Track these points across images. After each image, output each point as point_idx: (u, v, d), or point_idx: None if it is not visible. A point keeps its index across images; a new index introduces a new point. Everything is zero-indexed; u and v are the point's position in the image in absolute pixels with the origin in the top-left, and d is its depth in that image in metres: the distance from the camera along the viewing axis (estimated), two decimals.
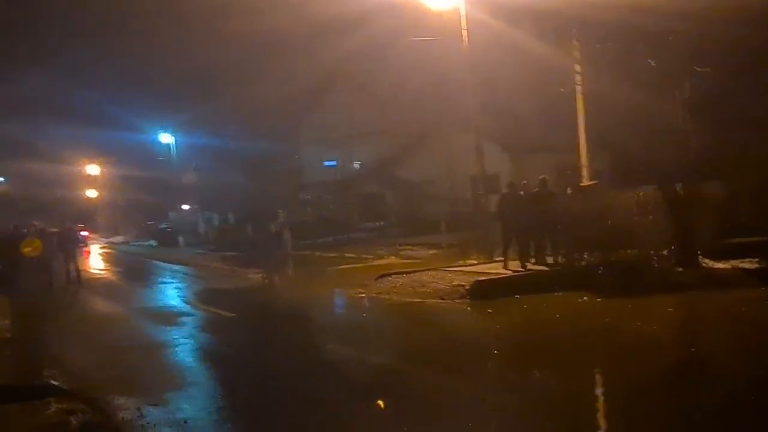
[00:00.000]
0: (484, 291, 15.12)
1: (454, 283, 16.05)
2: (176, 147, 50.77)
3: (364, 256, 27.65)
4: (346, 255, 28.54)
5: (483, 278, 15.70)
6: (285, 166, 50.91)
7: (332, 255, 29.66)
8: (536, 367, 9.60)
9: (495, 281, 15.57)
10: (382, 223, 43.13)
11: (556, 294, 14.74)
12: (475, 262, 20.48)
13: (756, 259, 15.15)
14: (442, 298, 15.23)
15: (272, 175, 49.29)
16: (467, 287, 15.39)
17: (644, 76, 15.95)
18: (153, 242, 49.57)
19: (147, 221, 53.57)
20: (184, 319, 16.08)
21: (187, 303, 18.74)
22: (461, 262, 21.06)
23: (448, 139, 42.21)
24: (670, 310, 13.05)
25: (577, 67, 20.59)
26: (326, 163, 50.20)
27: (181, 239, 45.81)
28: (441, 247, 27.49)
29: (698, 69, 14.72)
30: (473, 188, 42.10)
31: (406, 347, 11.32)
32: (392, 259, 25.81)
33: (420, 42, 36.63)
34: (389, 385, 9.15)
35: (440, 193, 41.91)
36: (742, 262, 15.18)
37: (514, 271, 16.67)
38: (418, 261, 24.34)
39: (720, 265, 15.25)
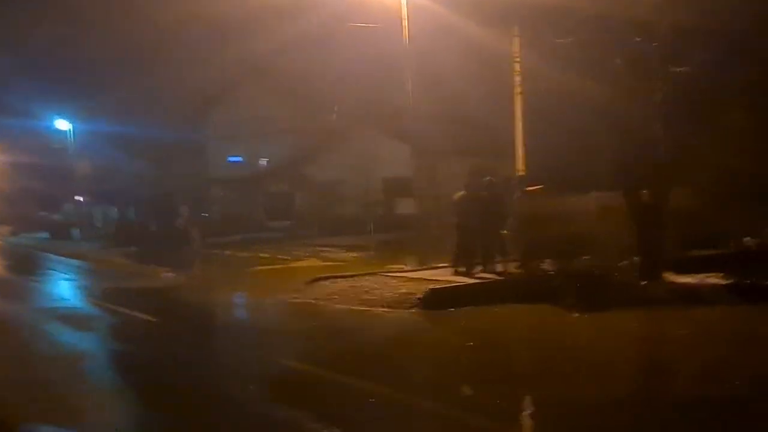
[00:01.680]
0: (437, 300, 13.63)
1: (401, 291, 14.53)
2: (74, 135, 47.32)
3: (280, 257, 25.87)
4: (261, 255, 26.65)
5: (437, 287, 14.16)
6: (190, 160, 48.28)
7: (245, 255, 27.74)
8: (513, 387, 8.20)
9: (449, 290, 14.08)
10: (289, 222, 41.27)
11: (515, 305, 13.41)
12: (406, 267, 19.07)
13: (721, 274, 14.14)
14: (391, 307, 13.67)
15: (176, 169, 46.63)
16: (419, 296, 13.85)
17: (609, 71, 14.79)
18: (45, 235, 46.07)
19: (39, 212, 49.83)
20: (97, 322, 14.11)
21: (96, 303, 16.58)
22: (393, 267, 19.66)
23: (361, 138, 40.76)
24: (636, 326, 12.03)
25: (516, 60, 19.45)
26: (231, 159, 47.88)
27: (76, 232, 42.62)
28: (361, 249, 25.93)
29: (674, 69, 13.59)
30: (385, 190, 41.02)
31: (367, 363, 9.71)
32: (312, 261, 24.16)
33: (332, 38, 35.11)
34: (370, 413, 7.54)
35: (352, 195, 40.42)
36: (707, 276, 14.13)
37: (465, 280, 15.17)
38: (342, 264, 22.78)
39: (684, 279, 14.16)
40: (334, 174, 41.31)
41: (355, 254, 25.18)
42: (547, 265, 15.22)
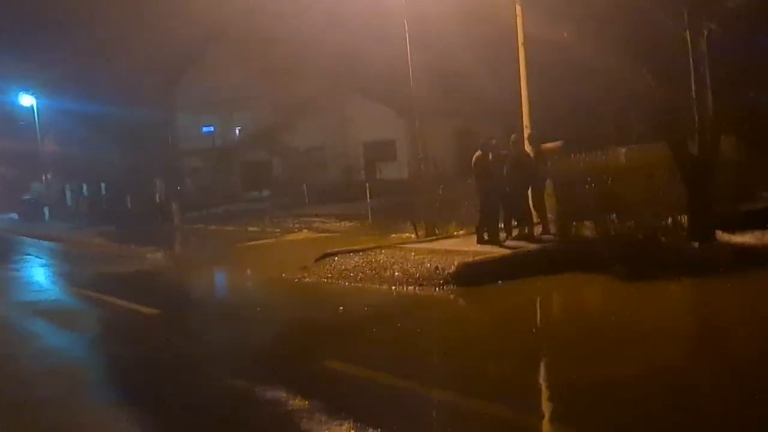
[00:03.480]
0: (472, 275, 11.91)
1: (426, 265, 12.77)
2: (38, 111, 44.61)
3: (270, 229, 24.09)
4: (249, 229, 24.80)
5: (469, 260, 12.43)
6: (160, 132, 45.94)
7: (230, 228, 25.90)
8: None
9: (484, 263, 12.35)
10: (267, 192, 39.34)
11: (560, 276, 11.76)
12: (413, 236, 17.39)
13: None
14: (421, 285, 11.94)
15: (147, 142, 44.28)
16: (450, 270, 12.12)
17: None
18: (14, 215, 43.54)
19: (6, 192, 47.15)
20: (87, 318, 12.20)
21: (82, 293, 14.61)
22: (398, 236, 18.03)
23: (339, 103, 38.88)
24: (704, 296, 10.48)
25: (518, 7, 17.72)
26: (204, 129, 45.67)
27: (46, 212, 40.26)
28: (354, 218, 24.19)
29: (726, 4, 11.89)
30: (366, 155, 39.17)
31: (436, 364, 8.00)
32: (306, 234, 22.45)
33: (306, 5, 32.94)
34: None
35: (332, 161, 38.61)
36: (765, 233, 12.59)
37: (495, 249, 13.45)
38: (339, 235, 21.13)
39: (740, 238, 12.60)
40: (312, 140, 39.44)
41: (349, 223, 23.46)
42: (584, 229, 13.54)
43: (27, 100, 44.27)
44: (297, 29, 36.27)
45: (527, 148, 14.78)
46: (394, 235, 18.42)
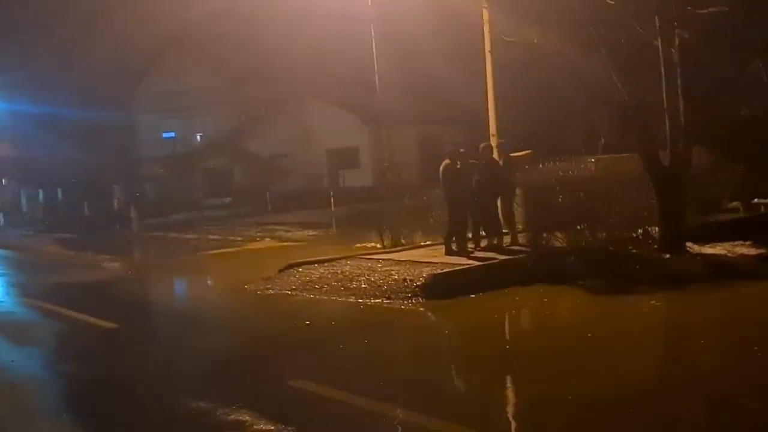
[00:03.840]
0: (441, 287, 11.55)
1: (393, 277, 12.40)
2: None
3: (231, 238, 23.55)
4: (210, 237, 24.23)
5: (438, 271, 12.06)
6: (120, 138, 45.07)
7: (191, 237, 25.30)
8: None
9: (453, 275, 11.99)
10: (228, 200, 38.73)
11: (530, 288, 11.49)
12: (379, 246, 17.02)
13: (749, 242, 12.47)
14: (389, 298, 11.54)
15: (105, 148, 43.39)
16: (418, 282, 11.75)
17: (610, 21, 12.88)
18: None
19: None
20: (40, 331, 11.62)
21: (34, 305, 13.96)
22: (363, 246, 17.66)
23: (302, 109, 38.48)
24: (674, 308, 10.27)
25: (485, 12, 17.50)
26: (165, 135, 44.90)
27: (0, 218, 39.16)
28: (317, 227, 23.75)
29: (698, 11, 11.69)
30: (330, 163, 38.75)
31: (419, 389, 7.59)
32: (268, 242, 21.95)
33: (270, 6, 32.43)
34: None
35: (295, 168, 38.13)
36: (734, 245, 12.45)
37: (463, 260, 13.10)
38: (302, 244, 20.67)
39: (710, 249, 12.46)
40: (275, 147, 38.97)
41: (313, 232, 23.01)
42: (553, 239, 13.27)
43: None
44: (260, 34, 35.82)
45: (496, 156, 14.47)
46: (359, 245, 18.05)
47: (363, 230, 19.32)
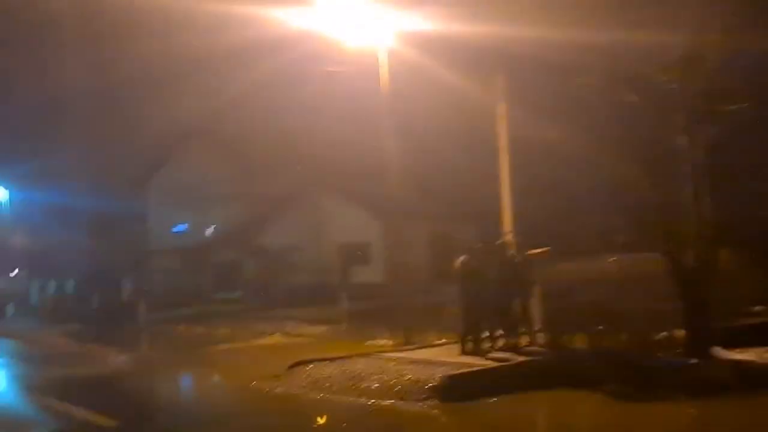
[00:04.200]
0: (457, 389, 11.01)
1: (407, 377, 11.87)
2: (9, 204, 43.52)
3: (240, 332, 22.95)
4: (219, 331, 23.68)
5: (453, 372, 11.53)
6: (131, 229, 44.98)
7: (199, 330, 24.75)
8: None
9: (469, 377, 11.45)
10: (239, 293, 38.21)
11: (551, 393, 10.92)
12: (391, 343, 16.51)
13: None
14: (402, 399, 10.99)
15: (117, 239, 43.24)
16: (432, 384, 11.22)
17: (629, 119, 12.69)
18: None
19: None
20: (38, 430, 11.03)
21: (34, 399, 13.45)
22: (374, 343, 17.13)
23: (315, 203, 38.36)
24: (712, 421, 9.59)
25: (502, 106, 17.44)
26: (176, 228, 44.78)
27: (10, 309, 38.69)
28: (328, 323, 23.18)
29: (723, 108, 11.46)
30: (341, 257, 38.38)
31: None
32: (277, 338, 21.38)
33: (285, 94, 32.71)
34: None
35: (305, 263, 37.72)
36: (764, 351, 11.88)
37: (479, 361, 12.56)
38: (312, 340, 20.11)
39: (739, 355, 11.86)
40: (286, 240, 38.62)
41: (323, 328, 22.42)
42: (572, 340, 12.75)
43: None
44: (274, 128, 36.05)
45: (513, 253, 14.09)
46: (369, 342, 17.53)
47: (374, 327, 18.84)
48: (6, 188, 43.18)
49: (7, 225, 43.91)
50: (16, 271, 45.63)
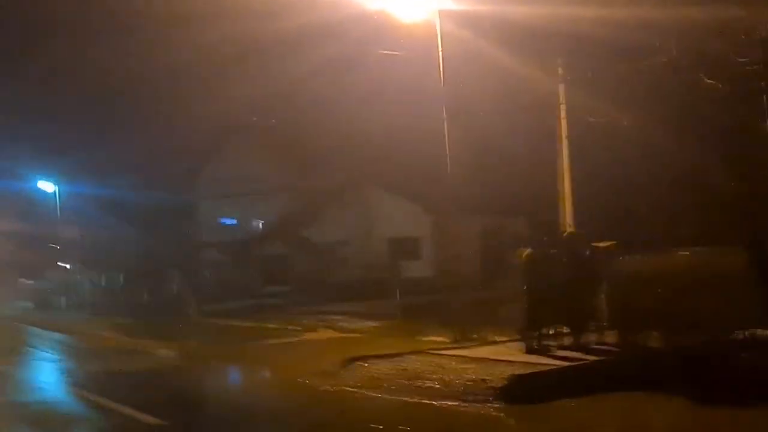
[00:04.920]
0: (524, 390, 10.19)
1: (467, 376, 11.15)
2: (59, 197, 43.57)
3: (290, 327, 22.42)
4: (268, 326, 23.14)
5: (520, 372, 10.71)
6: (181, 222, 44.85)
7: (248, 325, 24.24)
8: None
9: (537, 377, 10.64)
10: (287, 288, 37.66)
11: (626, 395, 10.01)
12: (447, 340, 15.72)
13: None
14: (464, 400, 10.20)
15: (167, 232, 43.13)
16: (496, 384, 10.43)
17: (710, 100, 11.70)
18: (28, 304, 41.94)
19: (22, 280, 45.50)
20: (80, 429, 10.47)
21: (80, 395, 12.95)
22: (428, 339, 16.40)
23: (363, 197, 37.69)
24: None
25: (561, 91, 16.53)
26: (225, 221, 44.53)
27: (62, 301, 38.72)
28: (378, 318, 22.47)
29: None
30: (391, 252, 37.63)
31: None
32: (328, 333, 20.78)
33: (336, 83, 32.04)
34: None
35: (354, 257, 37.09)
36: None
37: (544, 360, 11.73)
38: (363, 336, 19.46)
39: None
40: (335, 234, 38.06)
41: (374, 323, 21.73)
42: (646, 339, 11.84)
43: (47, 186, 43.35)
44: (324, 119, 35.44)
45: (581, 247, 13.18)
46: (423, 338, 16.81)
47: (427, 322, 18.11)
48: (54, 182, 43.20)
49: (58, 218, 43.97)
50: (69, 264, 45.75)
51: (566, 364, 11.25)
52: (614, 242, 14.00)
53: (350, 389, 11.69)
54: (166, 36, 30.07)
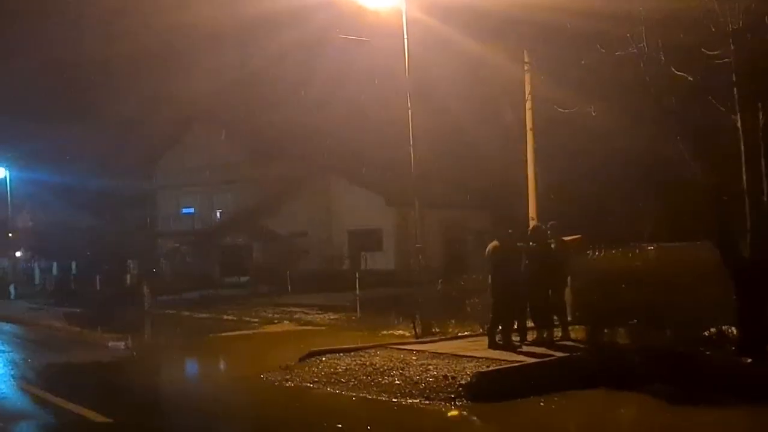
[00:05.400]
0: (489, 387, 9.84)
1: (431, 372, 10.74)
2: (10, 183, 42.37)
3: (248, 319, 21.94)
4: (225, 317, 22.60)
5: (484, 369, 10.36)
6: (138, 212, 43.99)
7: (205, 316, 23.71)
8: None
9: (502, 374, 10.29)
10: (246, 278, 37.11)
11: (592, 393, 9.77)
12: (408, 334, 15.38)
13: None
14: (428, 398, 9.83)
15: (124, 221, 42.25)
16: (461, 381, 10.06)
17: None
18: None
19: None
20: (23, 427, 9.92)
21: (25, 390, 12.37)
22: (389, 333, 16.10)
23: (325, 188, 37.30)
24: None
25: (528, 82, 16.17)
26: (184, 211, 43.79)
27: (12, 290, 37.69)
28: (339, 310, 22.08)
29: None
30: (352, 243, 37.26)
31: None
32: (286, 325, 20.34)
33: (295, 76, 31.57)
34: None
35: (315, 248, 36.68)
36: None
37: (509, 355, 11.40)
38: (322, 328, 19.07)
39: None
40: (295, 225, 37.64)
41: (334, 316, 21.35)
42: (613, 335, 11.58)
43: None
44: (286, 107, 34.89)
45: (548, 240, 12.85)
46: (385, 332, 16.50)
47: (389, 316, 17.79)
48: (5, 167, 41.94)
49: (9, 205, 42.75)
50: (20, 252, 44.62)
51: (531, 360, 10.91)
52: (580, 236, 13.74)
53: (309, 385, 11.27)
54: (125, 21, 29.31)
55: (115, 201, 42.27)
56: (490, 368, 10.39)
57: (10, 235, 43.48)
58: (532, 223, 15.21)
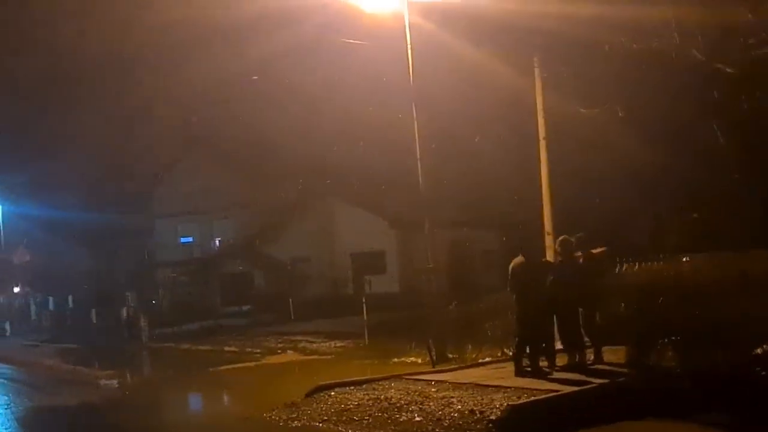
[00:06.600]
0: (524, 423, 8.57)
1: (455, 407, 9.50)
2: (3, 217, 41.21)
3: (250, 350, 20.71)
4: (226, 349, 21.35)
5: (516, 402, 9.07)
6: (136, 242, 42.78)
7: (205, 349, 22.44)
8: None
9: (540, 405, 9.00)
10: (248, 307, 35.78)
11: (643, 424, 8.63)
12: (422, 362, 14.11)
13: None
14: None
15: (121, 253, 41.05)
16: (490, 415, 8.80)
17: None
18: None
19: None
20: None
21: None
22: (401, 361, 14.86)
23: (325, 211, 36.02)
24: None
25: (539, 93, 15.15)
26: (182, 240, 42.59)
27: (7, 327, 36.36)
28: (345, 337, 20.81)
29: None
30: (356, 267, 35.94)
31: None
32: (291, 355, 19.15)
33: (292, 102, 30.55)
34: None
35: (317, 274, 35.40)
36: None
37: (540, 383, 10.12)
38: (329, 357, 17.86)
39: None
40: (297, 251, 36.35)
41: (341, 343, 20.11)
42: (661, 357, 10.33)
43: None
44: (284, 134, 33.82)
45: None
46: (396, 360, 15.30)
47: (399, 342, 16.52)
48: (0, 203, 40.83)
49: (3, 240, 41.59)
50: (17, 288, 43.35)
51: (568, 389, 9.61)
52: (604, 248, 12.50)
53: (318, 424, 10.09)
54: (114, 24, 28.28)
55: (112, 233, 41.09)
56: (523, 400, 9.10)
57: (4, 270, 42.18)
58: (548, 238, 14.07)
